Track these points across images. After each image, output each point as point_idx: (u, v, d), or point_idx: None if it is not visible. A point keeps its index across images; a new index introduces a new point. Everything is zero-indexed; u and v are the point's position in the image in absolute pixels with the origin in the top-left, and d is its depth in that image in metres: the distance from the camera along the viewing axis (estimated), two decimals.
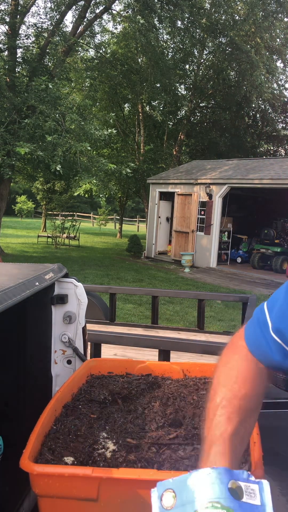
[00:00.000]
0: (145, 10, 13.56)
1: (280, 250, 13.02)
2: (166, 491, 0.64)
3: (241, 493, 0.62)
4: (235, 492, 0.62)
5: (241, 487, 0.62)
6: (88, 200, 38.16)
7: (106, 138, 11.05)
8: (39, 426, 0.92)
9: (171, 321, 6.91)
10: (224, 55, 19.10)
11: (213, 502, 0.60)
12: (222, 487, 0.61)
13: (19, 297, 0.98)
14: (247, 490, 0.63)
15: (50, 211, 24.47)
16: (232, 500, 0.61)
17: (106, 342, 2.42)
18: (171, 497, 0.63)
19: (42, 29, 13.11)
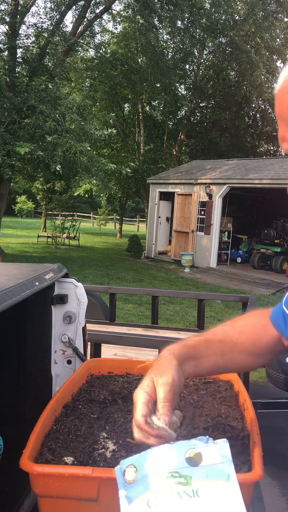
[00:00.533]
0: (145, 10, 13.56)
1: (280, 250, 13.02)
2: (128, 467, 0.68)
3: (199, 459, 0.65)
4: (193, 460, 0.65)
5: (199, 453, 0.66)
6: (88, 200, 38.18)
7: (106, 138, 11.05)
8: (39, 426, 0.92)
9: (171, 321, 6.91)
10: (224, 55, 19.12)
11: (172, 472, 0.64)
12: (179, 458, 0.65)
13: (19, 297, 0.98)
14: (206, 453, 0.66)
15: (50, 211, 24.47)
16: (190, 468, 0.65)
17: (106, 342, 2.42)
18: (132, 471, 0.67)
19: (42, 29, 13.11)
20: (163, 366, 0.76)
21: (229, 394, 1.15)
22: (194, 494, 0.63)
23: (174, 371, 0.75)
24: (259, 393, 4.19)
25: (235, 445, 0.90)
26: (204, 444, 0.67)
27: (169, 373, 0.75)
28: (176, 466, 0.65)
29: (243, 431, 0.96)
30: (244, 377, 2.34)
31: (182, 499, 0.63)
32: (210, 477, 0.64)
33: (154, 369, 0.77)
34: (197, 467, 0.65)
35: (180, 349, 0.80)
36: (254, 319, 0.91)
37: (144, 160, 19.50)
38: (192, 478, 0.64)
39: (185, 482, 0.64)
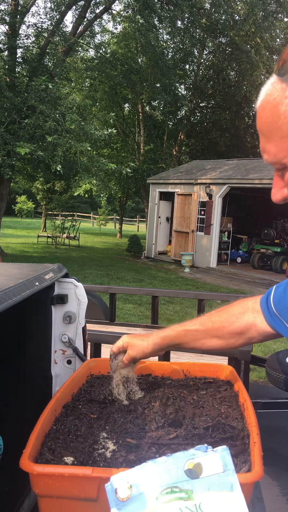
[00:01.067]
0: (145, 10, 13.56)
1: (280, 250, 13.02)
2: (120, 483, 0.63)
3: (200, 470, 0.62)
4: (193, 472, 0.62)
5: (199, 464, 0.62)
6: (88, 200, 38.19)
7: (106, 138, 11.05)
8: (39, 426, 0.92)
9: (171, 321, 6.91)
10: (224, 55, 19.12)
11: (171, 487, 0.61)
12: (178, 471, 0.62)
13: (19, 297, 0.98)
14: (206, 463, 0.62)
15: (50, 211, 24.48)
16: (190, 481, 0.61)
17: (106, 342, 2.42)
18: (126, 488, 0.63)
19: (42, 29, 13.10)
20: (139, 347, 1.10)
21: (229, 394, 1.15)
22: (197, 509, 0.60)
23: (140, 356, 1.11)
24: (259, 393, 4.19)
25: (235, 445, 0.90)
26: (203, 453, 0.63)
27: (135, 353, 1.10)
28: (175, 480, 0.61)
29: (243, 431, 0.96)
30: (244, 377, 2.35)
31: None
32: (212, 489, 0.60)
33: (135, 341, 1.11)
34: (198, 479, 0.61)
35: (164, 339, 1.09)
36: (232, 309, 1.07)
37: (144, 160, 19.50)
38: (193, 492, 0.60)
39: (186, 497, 0.60)
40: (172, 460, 0.63)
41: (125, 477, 0.64)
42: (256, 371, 4.72)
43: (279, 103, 0.68)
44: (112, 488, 0.64)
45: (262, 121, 0.72)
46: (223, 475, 0.62)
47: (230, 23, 16.78)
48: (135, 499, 0.62)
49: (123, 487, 0.63)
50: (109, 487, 0.64)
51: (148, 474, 0.62)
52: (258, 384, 4.46)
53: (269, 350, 5.30)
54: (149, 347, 1.09)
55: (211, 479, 0.61)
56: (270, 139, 0.71)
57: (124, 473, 0.64)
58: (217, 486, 0.61)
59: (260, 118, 0.72)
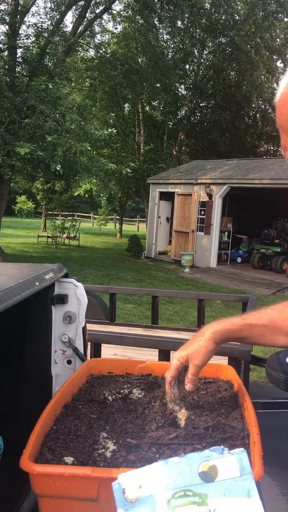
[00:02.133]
0: (145, 10, 13.56)
1: (280, 250, 13.02)
2: (129, 483, 0.60)
3: (215, 473, 0.58)
4: (208, 474, 0.58)
5: (214, 466, 0.58)
6: (88, 200, 38.18)
7: (106, 138, 11.05)
8: (39, 426, 0.92)
9: (171, 321, 6.91)
10: (224, 55, 19.12)
11: (184, 490, 0.57)
12: (192, 473, 0.58)
13: (19, 297, 0.98)
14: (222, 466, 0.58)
15: (50, 211, 24.48)
16: (204, 485, 0.57)
17: (106, 342, 2.42)
18: (135, 488, 0.59)
19: (42, 29, 13.11)
20: (199, 349, 0.96)
21: (229, 394, 1.15)
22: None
23: (207, 357, 0.97)
24: (259, 393, 4.19)
25: (235, 445, 0.90)
26: (219, 455, 0.59)
27: (201, 358, 0.96)
28: (188, 483, 0.57)
29: (243, 431, 0.96)
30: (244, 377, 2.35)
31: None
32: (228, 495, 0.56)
33: (191, 348, 0.98)
34: (213, 483, 0.57)
35: (223, 334, 0.98)
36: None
37: (144, 160, 19.50)
38: (208, 497, 0.56)
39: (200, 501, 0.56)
40: (186, 461, 0.59)
41: (134, 476, 0.60)
42: (256, 371, 4.72)
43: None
44: (120, 487, 0.60)
45: (283, 118, 0.68)
46: (240, 479, 0.58)
47: (230, 23, 16.78)
48: (144, 500, 0.58)
49: (132, 487, 0.59)
50: (116, 485, 0.60)
51: (159, 475, 0.59)
52: (258, 384, 4.46)
53: (269, 350, 5.30)
54: (210, 343, 0.97)
55: (227, 483, 0.57)
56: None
57: (134, 472, 0.60)
58: (233, 491, 0.57)
59: (281, 114, 0.68)
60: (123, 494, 0.59)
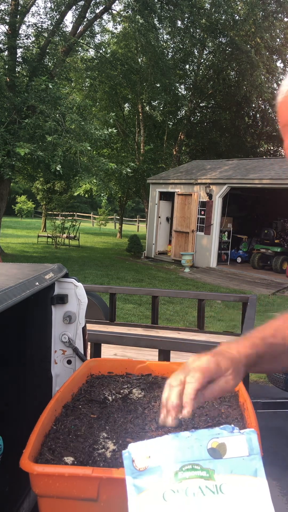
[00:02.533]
0: (145, 10, 13.56)
1: (280, 250, 13.02)
2: (139, 452, 0.60)
3: (223, 450, 0.59)
4: (216, 451, 0.59)
5: (223, 444, 0.59)
6: (88, 200, 38.17)
7: (106, 137, 11.05)
8: (39, 426, 0.92)
9: (171, 321, 6.91)
10: (224, 55, 19.12)
11: (192, 464, 0.58)
12: (201, 448, 0.59)
13: (19, 297, 0.98)
14: (231, 444, 0.59)
15: (50, 211, 24.47)
16: (212, 460, 0.58)
17: (106, 342, 2.42)
18: (144, 458, 0.60)
19: (42, 29, 13.11)
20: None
21: (229, 394, 1.15)
22: (217, 490, 0.57)
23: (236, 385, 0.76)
24: (259, 393, 4.19)
25: None
26: (229, 434, 0.60)
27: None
28: (197, 457, 0.58)
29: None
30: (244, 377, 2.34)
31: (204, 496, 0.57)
32: (235, 472, 0.57)
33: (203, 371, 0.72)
34: (221, 459, 0.58)
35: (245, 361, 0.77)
36: None
37: (144, 160, 19.49)
38: (215, 472, 0.57)
39: (207, 476, 0.57)
40: (196, 436, 0.60)
41: (144, 447, 0.61)
42: None
43: None
44: (130, 456, 0.61)
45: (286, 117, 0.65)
46: (248, 458, 0.59)
47: (230, 23, 16.77)
48: (152, 470, 0.59)
49: (142, 457, 0.60)
50: (126, 454, 0.61)
51: (168, 447, 0.60)
52: (258, 384, 4.46)
53: None
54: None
55: (234, 461, 0.58)
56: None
57: (144, 442, 0.61)
58: (240, 469, 0.58)
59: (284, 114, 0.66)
60: (132, 463, 0.60)
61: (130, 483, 0.59)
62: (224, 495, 0.57)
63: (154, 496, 0.58)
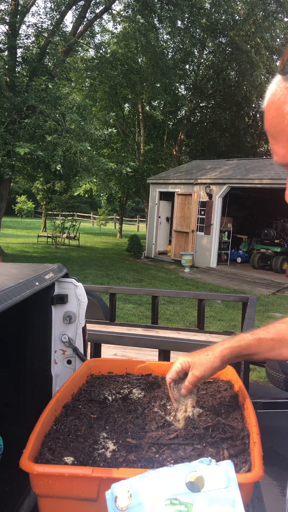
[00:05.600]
0: (145, 10, 13.56)
1: (280, 250, 13.03)
2: (121, 491, 0.61)
3: (202, 483, 0.59)
4: (194, 484, 0.59)
5: (201, 477, 0.60)
6: (88, 200, 38.19)
7: (106, 137, 11.05)
8: (39, 426, 0.92)
9: (171, 321, 6.91)
10: (224, 55, 19.12)
11: (171, 499, 0.58)
12: (179, 483, 0.59)
13: (19, 297, 0.98)
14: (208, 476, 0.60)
15: (50, 211, 24.48)
16: (190, 494, 0.59)
17: (106, 342, 2.42)
18: (126, 497, 0.61)
19: (42, 29, 13.10)
20: (204, 362, 0.99)
21: (229, 394, 1.15)
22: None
23: (209, 372, 0.99)
24: (259, 393, 4.19)
25: (235, 445, 0.90)
26: (206, 467, 0.61)
27: (203, 370, 0.98)
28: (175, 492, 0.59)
29: (243, 431, 0.96)
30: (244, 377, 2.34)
31: None
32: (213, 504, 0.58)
33: (197, 358, 1.00)
34: (199, 492, 0.59)
35: (232, 351, 0.99)
36: None
37: (144, 160, 19.50)
38: (193, 506, 0.58)
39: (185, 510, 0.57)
40: (174, 471, 0.61)
41: (126, 485, 0.62)
42: (256, 371, 4.72)
43: (283, 103, 0.66)
44: (112, 496, 0.62)
45: (268, 122, 0.70)
46: (225, 490, 0.59)
47: (230, 23, 16.77)
48: (134, 509, 0.60)
49: (123, 496, 0.61)
50: (109, 495, 0.62)
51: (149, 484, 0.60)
52: (258, 384, 4.46)
53: None
54: (217, 361, 0.99)
55: (212, 493, 0.59)
56: (278, 140, 0.69)
57: (126, 481, 0.62)
58: (218, 501, 0.58)
59: (267, 119, 0.70)
60: (114, 503, 0.61)
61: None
62: None
63: None
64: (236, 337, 1.01)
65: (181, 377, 1.01)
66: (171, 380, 1.01)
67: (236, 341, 1.00)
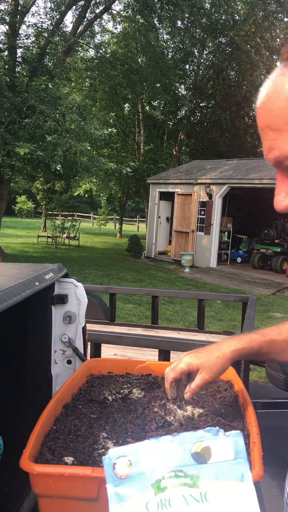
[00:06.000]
0: (145, 10, 13.57)
1: (280, 250, 13.03)
2: (119, 458, 0.58)
3: (208, 454, 0.56)
4: (200, 455, 0.56)
5: (208, 448, 0.56)
6: (88, 200, 38.19)
7: (106, 137, 11.05)
8: (39, 426, 0.92)
9: (171, 321, 6.91)
10: (224, 55, 19.13)
11: (176, 471, 0.55)
12: (184, 454, 0.55)
13: (19, 297, 0.98)
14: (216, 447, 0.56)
15: (50, 211, 24.48)
16: (196, 466, 0.55)
17: (106, 342, 2.42)
18: (125, 465, 0.57)
19: (42, 29, 13.11)
20: (215, 364, 0.92)
21: (229, 394, 1.15)
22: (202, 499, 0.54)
23: (218, 374, 0.93)
24: (259, 393, 4.18)
25: None
26: (213, 437, 0.57)
27: (213, 374, 0.91)
28: (180, 463, 0.55)
29: (243, 431, 0.96)
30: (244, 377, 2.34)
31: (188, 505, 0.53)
32: (221, 478, 0.54)
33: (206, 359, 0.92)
34: (206, 464, 0.55)
35: (242, 352, 0.93)
36: None
37: (144, 160, 19.50)
38: (199, 479, 0.54)
39: (191, 483, 0.54)
40: (179, 440, 0.57)
41: (125, 452, 0.58)
42: (256, 371, 4.72)
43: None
44: (110, 461, 0.57)
45: (273, 114, 0.67)
46: (233, 462, 0.56)
47: (230, 23, 16.77)
48: (134, 478, 0.56)
49: (122, 463, 0.57)
50: (107, 460, 0.58)
51: (150, 453, 0.56)
52: (258, 384, 4.46)
53: None
54: (227, 362, 0.93)
55: (220, 466, 0.55)
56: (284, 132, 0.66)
57: (124, 447, 0.58)
58: (226, 474, 0.55)
59: (270, 111, 0.67)
60: (113, 470, 0.57)
61: (111, 491, 0.56)
62: (208, 503, 0.54)
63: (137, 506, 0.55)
64: (246, 337, 0.95)
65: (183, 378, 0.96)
66: (173, 379, 0.95)
67: (247, 342, 0.94)
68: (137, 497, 0.55)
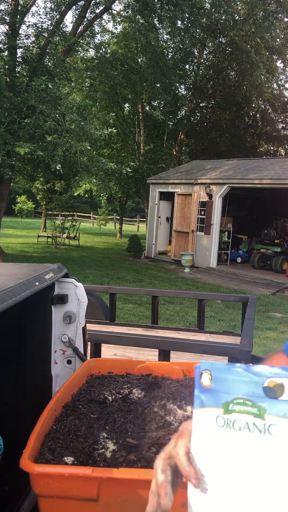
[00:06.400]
0: (145, 10, 13.56)
1: (280, 250, 13.03)
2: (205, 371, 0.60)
3: (280, 391, 0.55)
4: (272, 390, 0.56)
5: (281, 385, 0.56)
6: (88, 200, 38.19)
7: (106, 137, 11.05)
8: (39, 426, 0.92)
9: (171, 321, 6.91)
10: (224, 55, 19.13)
11: (245, 399, 0.56)
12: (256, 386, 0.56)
13: (19, 297, 0.98)
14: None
15: (50, 211, 24.49)
16: (266, 399, 0.55)
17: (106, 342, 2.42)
18: (207, 378, 0.59)
19: (42, 29, 13.11)
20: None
21: None
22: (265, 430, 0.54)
23: None
24: None
25: None
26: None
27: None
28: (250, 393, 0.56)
29: None
30: None
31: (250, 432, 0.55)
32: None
33: None
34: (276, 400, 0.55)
35: None
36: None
37: (144, 160, 19.49)
38: (266, 412, 0.55)
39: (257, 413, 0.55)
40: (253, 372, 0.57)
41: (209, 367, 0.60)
42: None
43: None
44: (199, 370, 0.60)
45: None
46: None
47: (230, 23, 16.75)
48: (212, 392, 0.58)
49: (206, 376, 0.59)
50: (198, 369, 0.61)
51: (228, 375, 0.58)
52: None
53: (269, 350, 5.30)
54: None
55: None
56: None
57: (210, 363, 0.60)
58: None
59: None
60: (200, 378, 0.60)
61: (198, 394, 0.60)
62: (271, 436, 0.54)
63: (210, 415, 0.58)
64: None
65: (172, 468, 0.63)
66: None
67: None
68: (211, 410, 0.58)
